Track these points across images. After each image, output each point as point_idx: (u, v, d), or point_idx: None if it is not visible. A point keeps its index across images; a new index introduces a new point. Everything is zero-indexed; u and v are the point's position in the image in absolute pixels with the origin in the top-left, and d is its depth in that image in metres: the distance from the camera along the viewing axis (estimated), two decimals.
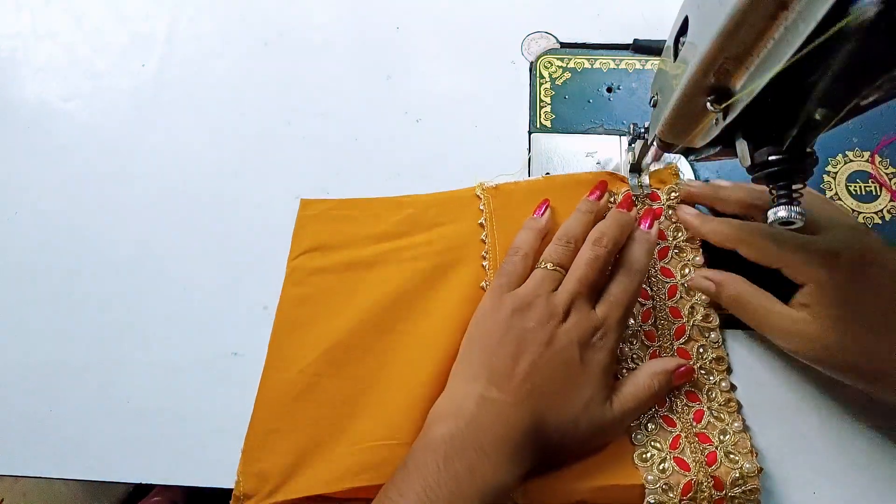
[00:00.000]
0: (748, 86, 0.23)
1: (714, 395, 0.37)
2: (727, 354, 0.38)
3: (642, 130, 0.37)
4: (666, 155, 0.36)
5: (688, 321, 0.38)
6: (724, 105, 0.25)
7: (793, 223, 0.26)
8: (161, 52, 0.50)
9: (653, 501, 0.33)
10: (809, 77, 0.22)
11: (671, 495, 0.33)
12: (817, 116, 0.24)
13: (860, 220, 0.41)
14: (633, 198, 0.41)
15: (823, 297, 0.32)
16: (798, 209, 0.25)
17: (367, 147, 0.47)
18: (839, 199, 0.42)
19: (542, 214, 0.40)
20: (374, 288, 0.41)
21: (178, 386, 0.39)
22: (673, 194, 0.41)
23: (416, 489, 0.29)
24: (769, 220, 0.26)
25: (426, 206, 0.44)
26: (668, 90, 0.29)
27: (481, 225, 0.42)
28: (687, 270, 0.39)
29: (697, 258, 0.40)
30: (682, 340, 0.38)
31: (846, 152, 0.43)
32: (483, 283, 0.40)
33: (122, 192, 0.45)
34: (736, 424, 0.35)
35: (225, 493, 0.37)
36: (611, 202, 0.42)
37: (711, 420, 0.36)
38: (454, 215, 0.43)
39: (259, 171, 0.46)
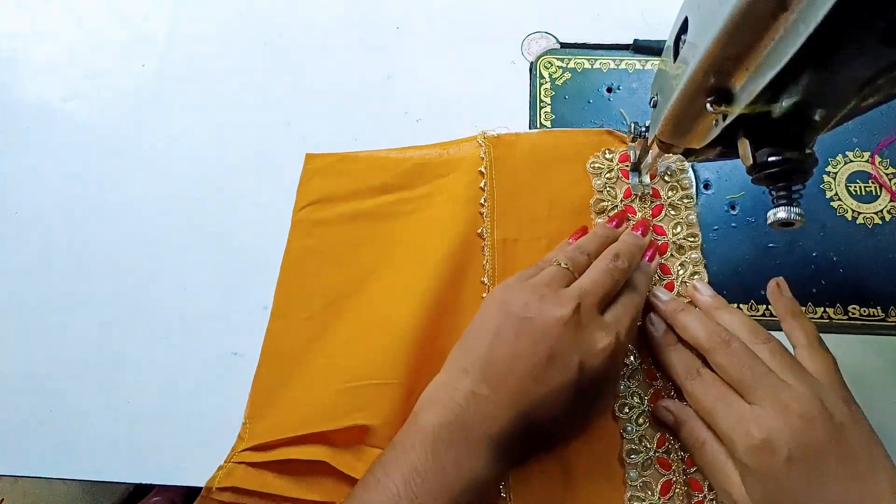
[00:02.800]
0: (748, 86, 0.23)
1: None
2: None
3: (643, 130, 0.37)
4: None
5: None
6: (723, 106, 0.25)
7: (792, 224, 0.26)
8: (161, 52, 0.50)
9: None
10: (810, 77, 0.22)
11: None
12: (817, 117, 0.24)
13: (860, 220, 0.41)
14: (646, 223, 0.40)
15: (756, 483, 0.30)
16: (797, 210, 0.25)
17: (368, 147, 0.46)
18: (839, 199, 0.42)
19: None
20: (377, 239, 0.43)
21: (178, 386, 0.39)
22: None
23: (403, 471, 0.29)
24: (769, 221, 0.26)
25: (429, 159, 0.45)
26: (668, 90, 0.29)
27: (481, 173, 0.43)
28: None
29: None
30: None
31: (846, 152, 0.43)
32: (480, 230, 0.42)
33: (122, 191, 0.45)
34: None
35: None
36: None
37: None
38: (455, 164, 0.45)
39: (259, 170, 0.46)
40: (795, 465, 0.29)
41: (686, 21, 0.26)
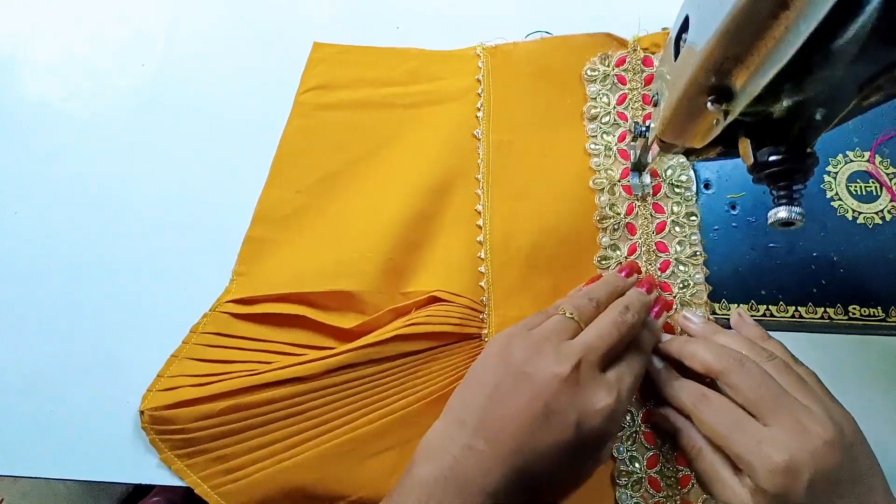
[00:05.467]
0: (748, 86, 0.23)
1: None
2: None
3: (643, 129, 0.37)
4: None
5: None
6: (724, 106, 0.25)
7: (793, 223, 0.26)
8: (161, 51, 0.50)
9: None
10: (810, 76, 0.22)
11: None
12: (817, 116, 0.24)
13: (861, 220, 0.41)
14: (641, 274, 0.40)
15: (766, 502, 0.30)
16: (798, 210, 0.25)
17: None
18: (840, 198, 0.42)
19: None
20: (374, 127, 0.45)
21: None
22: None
23: None
24: (769, 221, 0.26)
25: (430, 60, 0.47)
26: (668, 90, 0.29)
27: (478, 80, 0.45)
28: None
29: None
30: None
31: (847, 152, 0.43)
32: (476, 132, 0.44)
33: (122, 191, 0.45)
34: None
35: None
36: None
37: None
38: (453, 71, 0.47)
39: (259, 170, 0.46)
40: (815, 486, 0.29)
41: (686, 20, 0.26)
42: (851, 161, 0.43)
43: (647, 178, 0.41)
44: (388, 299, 0.39)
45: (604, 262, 0.40)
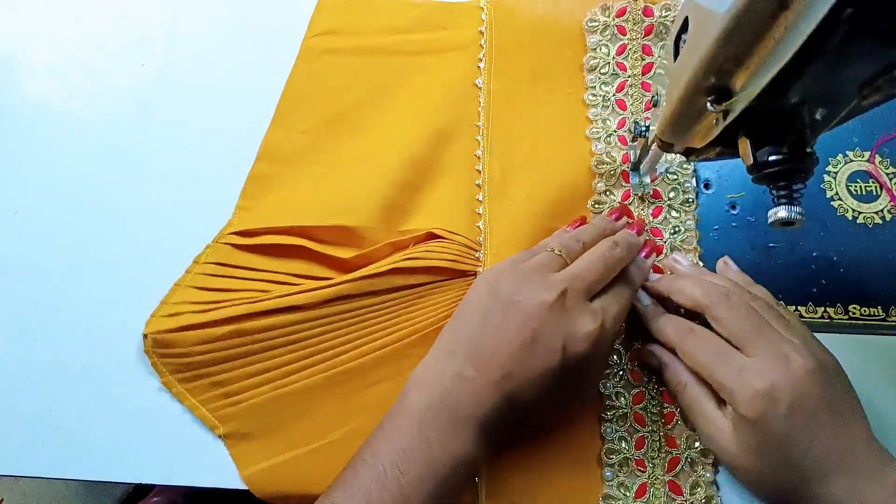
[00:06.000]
0: (748, 86, 0.23)
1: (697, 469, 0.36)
2: None
3: (643, 129, 0.37)
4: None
5: None
6: (723, 106, 0.25)
7: (793, 223, 0.26)
8: (161, 52, 0.50)
9: None
10: (810, 77, 0.22)
11: None
12: (817, 116, 0.24)
13: (861, 220, 0.41)
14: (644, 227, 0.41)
15: (750, 432, 0.31)
16: (798, 209, 0.25)
17: None
18: (840, 198, 0.42)
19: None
20: (379, 73, 0.46)
21: None
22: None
23: (391, 451, 0.30)
24: (769, 221, 0.26)
25: (435, 10, 0.48)
26: (668, 90, 0.29)
27: (481, 32, 0.47)
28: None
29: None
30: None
31: (847, 152, 0.43)
32: (477, 82, 0.45)
33: (123, 191, 0.45)
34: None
35: (224, 494, 0.37)
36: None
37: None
38: (457, 21, 0.48)
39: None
40: (794, 414, 0.30)
41: (686, 21, 0.26)
42: (851, 161, 0.43)
43: (646, 179, 0.41)
44: (387, 236, 0.40)
45: (597, 207, 0.42)
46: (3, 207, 0.45)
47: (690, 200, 0.42)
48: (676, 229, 0.41)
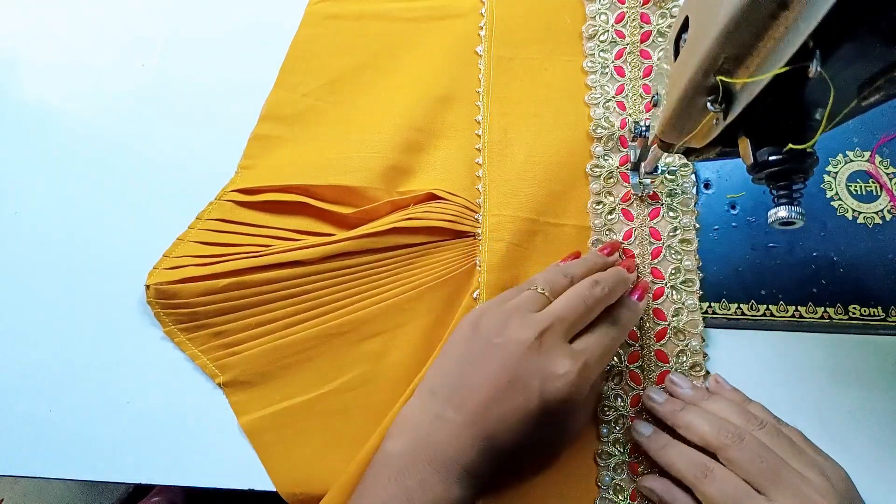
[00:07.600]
0: (749, 85, 0.23)
1: None
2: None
3: (643, 129, 0.37)
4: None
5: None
6: (723, 105, 0.25)
7: (793, 223, 0.26)
8: (161, 52, 0.50)
9: None
10: (810, 77, 0.22)
11: None
12: (817, 116, 0.24)
13: (861, 220, 0.41)
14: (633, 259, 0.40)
15: None
16: (798, 209, 0.25)
17: None
18: (839, 198, 0.42)
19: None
20: (379, 37, 0.47)
21: (178, 386, 0.39)
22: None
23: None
24: (769, 221, 0.26)
25: None
26: (668, 90, 0.29)
27: (482, 1, 0.47)
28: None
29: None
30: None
31: (846, 152, 0.43)
32: (477, 49, 0.46)
33: (123, 192, 0.45)
34: None
35: (224, 494, 0.37)
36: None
37: None
38: None
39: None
40: None
41: (686, 20, 0.26)
42: (851, 161, 0.43)
43: (646, 179, 0.41)
44: (388, 197, 0.41)
45: (595, 170, 0.42)
46: (3, 207, 0.45)
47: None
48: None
